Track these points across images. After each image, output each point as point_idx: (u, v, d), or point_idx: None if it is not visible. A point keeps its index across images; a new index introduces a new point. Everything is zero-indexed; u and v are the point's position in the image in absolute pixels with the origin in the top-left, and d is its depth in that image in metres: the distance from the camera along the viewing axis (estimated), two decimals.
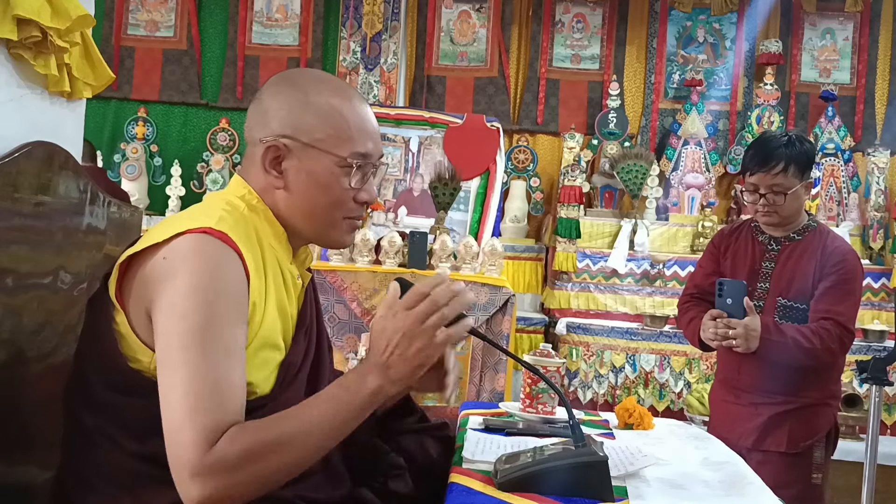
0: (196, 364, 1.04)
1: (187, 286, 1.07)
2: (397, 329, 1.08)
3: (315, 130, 1.21)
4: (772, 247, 2.32)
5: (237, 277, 1.12)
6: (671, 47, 5.49)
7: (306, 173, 1.21)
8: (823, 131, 5.14)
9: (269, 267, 1.20)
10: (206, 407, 1.03)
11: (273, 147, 1.21)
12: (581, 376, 4.28)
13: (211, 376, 1.04)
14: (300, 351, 1.24)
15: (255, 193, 1.24)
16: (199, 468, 1.01)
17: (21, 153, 1.40)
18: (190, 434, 1.01)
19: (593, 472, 1.13)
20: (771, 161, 2.21)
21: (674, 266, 4.65)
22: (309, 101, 1.22)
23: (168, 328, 1.06)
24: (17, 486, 1.44)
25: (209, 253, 1.10)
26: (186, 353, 1.04)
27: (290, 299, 1.25)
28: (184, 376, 1.04)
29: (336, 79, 1.36)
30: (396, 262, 3.53)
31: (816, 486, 2.24)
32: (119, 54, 5.52)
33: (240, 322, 1.11)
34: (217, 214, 1.16)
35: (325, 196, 1.22)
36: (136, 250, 1.13)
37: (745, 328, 2.14)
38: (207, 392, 1.03)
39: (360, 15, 5.32)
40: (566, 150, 4.90)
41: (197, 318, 1.05)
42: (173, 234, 1.11)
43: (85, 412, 1.15)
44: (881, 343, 4.20)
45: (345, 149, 1.21)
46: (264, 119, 1.23)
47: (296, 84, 1.25)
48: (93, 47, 1.65)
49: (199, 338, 1.05)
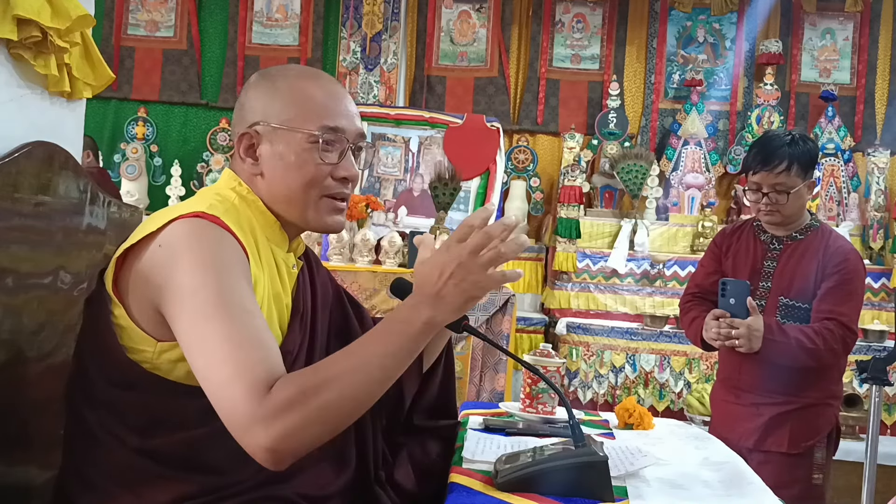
0: (225, 329, 1.03)
1: (191, 264, 1.07)
2: (452, 259, 1.04)
3: (283, 112, 1.23)
4: (774, 246, 2.32)
5: (237, 252, 1.12)
6: (671, 47, 5.49)
7: (279, 156, 1.22)
8: (823, 131, 5.14)
9: (263, 256, 1.21)
10: (249, 363, 1.02)
11: (246, 135, 1.24)
12: (581, 376, 4.28)
13: (243, 335, 1.04)
14: (296, 339, 1.23)
15: (246, 185, 1.25)
16: (259, 415, 0.99)
17: (21, 153, 1.40)
18: (241, 388, 1.00)
19: (593, 472, 1.13)
20: (774, 160, 2.21)
21: (674, 266, 4.65)
22: (276, 87, 1.25)
23: (184, 308, 1.06)
24: (17, 486, 1.44)
25: (205, 232, 1.10)
26: (211, 323, 1.04)
27: (285, 287, 1.25)
28: (217, 343, 1.03)
29: (309, 67, 1.39)
30: (396, 262, 3.53)
31: (817, 487, 2.24)
32: (119, 54, 5.52)
33: (249, 286, 1.11)
34: (207, 202, 1.17)
35: (299, 174, 1.22)
36: (130, 243, 1.13)
37: (748, 328, 2.14)
38: (244, 350, 1.03)
39: (360, 15, 5.32)
40: (566, 150, 4.90)
41: (210, 290, 1.05)
42: (166, 222, 1.11)
43: (86, 409, 1.15)
44: (881, 343, 4.20)
45: (313, 124, 1.22)
46: (241, 114, 1.27)
47: (266, 75, 1.29)
48: (93, 47, 1.65)
49: (218, 306, 1.04)
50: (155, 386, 1.10)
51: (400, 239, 3.54)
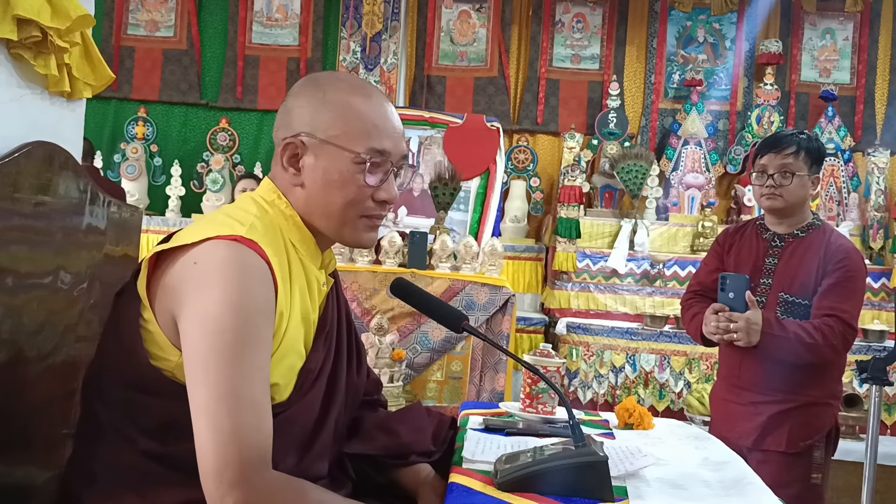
0: (234, 381, 1.04)
1: (222, 300, 1.06)
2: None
3: (331, 127, 1.21)
4: (776, 243, 2.33)
5: (267, 290, 1.11)
6: (671, 47, 5.49)
7: (322, 170, 1.21)
8: (823, 131, 5.14)
9: (295, 274, 1.20)
10: (248, 428, 1.04)
11: (290, 144, 1.22)
12: (581, 376, 4.27)
13: (249, 396, 1.05)
14: (319, 357, 1.23)
15: (285, 198, 1.23)
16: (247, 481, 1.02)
17: (21, 153, 1.40)
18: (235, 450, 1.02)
19: (593, 472, 1.13)
20: (784, 143, 2.29)
21: (674, 266, 4.65)
22: (327, 99, 1.22)
23: (203, 342, 1.06)
24: (17, 486, 1.44)
25: (242, 264, 1.09)
26: (222, 367, 1.04)
27: (314, 305, 1.25)
28: (223, 392, 1.04)
29: (359, 79, 1.37)
30: (396, 262, 3.53)
31: (816, 486, 2.24)
32: (119, 54, 5.52)
33: (268, 341, 1.11)
34: (249, 220, 1.16)
35: (341, 193, 1.21)
36: (164, 248, 1.12)
37: (746, 322, 2.15)
38: (247, 413, 1.04)
39: (360, 15, 5.32)
40: (566, 150, 4.90)
41: (234, 336, 1.05)
42: (204, 238, 1.10)
43: (99, 406, 1.15)
44: (881, 343, 4.20)
45: (360, 145, 1.21)
46: (287, 119, 1.24)
47: (316, 83, 1.26)
48: (93, 47, 1.65)
49: (235, 354, 1.05)
50: (172, 392, 1.10)
51: (400, 239, 3.54)
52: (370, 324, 3.19)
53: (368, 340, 3.12)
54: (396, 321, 3.34)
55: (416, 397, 3.33)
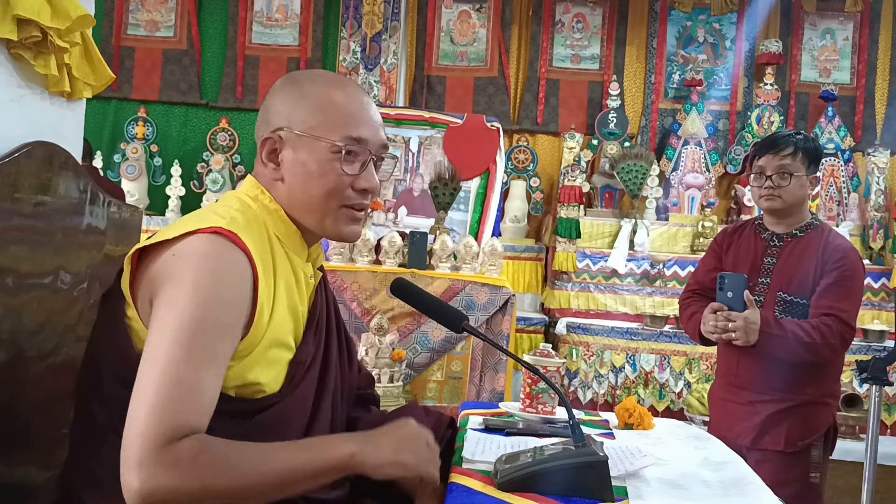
0: (178, 362, 1.03)
1: (190, 285, 1.07)
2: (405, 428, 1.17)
3: (308, 119, 1.22)
4: (774, 243, 2.33)
5: (242, 282, 1.11)
6: (671, 47, 5.49)
7: (301, 163, 1.22)
8: (823, 131, 5.14)
9: (280, 267, 1.21)
10: (175, 406, 1.01)
11: (269, 140, 1.23)
12: (581, 376, 4.27)
13: (188, 378, 1.03)
14: (309, 350, 1.24)
15: (268, 193, 1.25)
16: (149, 460, 0.98)
17: (21, 153, 1.40)
18: (150, 425, 0.99)
19: (593, 472, 1.13)
20: (780, 144, 2.29)
21: (674, 266, 4.65)
22: (304, 93, 1.24)
23: (163, 321, 1.06)
24: (17, 486, 1.44)
25: (217, 254, 1.10)
26: (172, 348, 1.04)
27: (302, 298, 1.25)
28: (161, 369, 1.03)
29: (336, 74, 1.38)
30: (396, 262, 3.53)
31: (814, 486, 2.24)
32: (119, 54, 5.52)
33: (232, 333, 1.10)
34: (230, 214, 1.17)
35: (320, 183, 1.22)
36: (145, 244, 1.13)
37: (744, 321, 2.15)
38: (180, 392, 1.02)
39: (360, 15, 5.32)
40: (566, 150, 4.90)
41: (192, 319, 1.05)
42: (185, 233, 1.11)
43: (95, 406, 1.16)
44: (881, 343, 4.20)
45: (336, 133, 1.22)
46: (266, 116, 1.26)
47: (293, 80, 1.28)
48: (93, 47, 1.65)
49: (188, 338, 1.04)
50: None
51: (400, 239, 3.54)
52: (370, 324, 3.19)
53: (368, 340, 3.12)
54: (396, 321, 3.35)
55: (416, 397, 3.33)
